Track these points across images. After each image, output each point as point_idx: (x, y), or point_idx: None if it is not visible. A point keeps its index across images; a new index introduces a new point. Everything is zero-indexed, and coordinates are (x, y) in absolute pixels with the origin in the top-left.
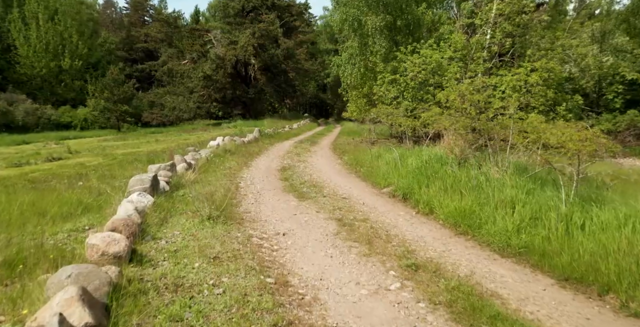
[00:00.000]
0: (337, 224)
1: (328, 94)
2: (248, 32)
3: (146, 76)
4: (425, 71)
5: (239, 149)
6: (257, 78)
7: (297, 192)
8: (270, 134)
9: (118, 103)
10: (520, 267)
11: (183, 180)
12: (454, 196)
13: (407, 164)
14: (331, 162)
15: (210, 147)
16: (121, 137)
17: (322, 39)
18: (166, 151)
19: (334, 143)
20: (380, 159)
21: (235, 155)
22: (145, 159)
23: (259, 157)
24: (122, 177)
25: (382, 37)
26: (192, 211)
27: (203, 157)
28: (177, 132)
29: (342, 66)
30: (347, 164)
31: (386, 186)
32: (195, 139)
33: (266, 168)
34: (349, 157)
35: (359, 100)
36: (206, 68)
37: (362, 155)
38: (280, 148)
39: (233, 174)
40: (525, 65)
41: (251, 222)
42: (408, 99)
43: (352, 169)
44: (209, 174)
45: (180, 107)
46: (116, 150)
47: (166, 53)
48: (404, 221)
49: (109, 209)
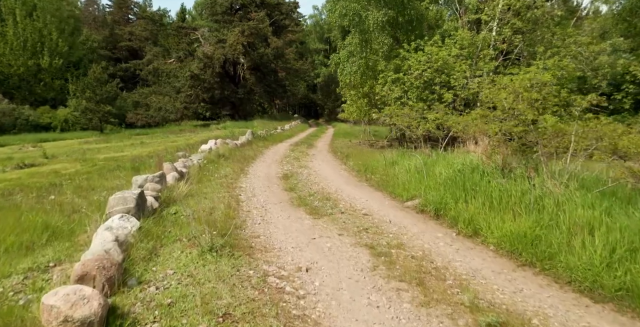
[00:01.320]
0: (370, 252)
1: (318, 95)
2: (237, 31)
3: (130, 76)
4: (430, 69)
5: (233, 154)
6: (246, 78)
7: (309, 207)
8: (263, 136)
9: (101, 103)
10: (628, 318)
11: (175, 193)
12: (505, 215)
13: (435, 173)
14: (335, 168)
15: (202, 152)
16: (104, 139)
17: (311, 38)
18: (153, 156)
19: (331, 146)
20: (395, 166)
21: (230, 160)
22: (130, 166)
23: (255, 162)
24: (102, 189)
25: (384, 34)
26: (188, 237)
27: (195, 164)
28: (163, 133)
29: (341, 64)
30: (354, 171)
31: (409, 198)
32: (183, 141)
33: (266, 175)
34: (355, 162)
35: (359, 101)
36: (193, 67)
37: (370, 161)
38: (275, 151)
39: (230, 184)
40: (536, 64)
41: (263, 251)
42: (413, 99)
43: (361, 177)
44: (204, 184)
45: (166, 108)
46: (97, 154)
47: (151, 52)
48: (447, 246)
49: (82, 235)
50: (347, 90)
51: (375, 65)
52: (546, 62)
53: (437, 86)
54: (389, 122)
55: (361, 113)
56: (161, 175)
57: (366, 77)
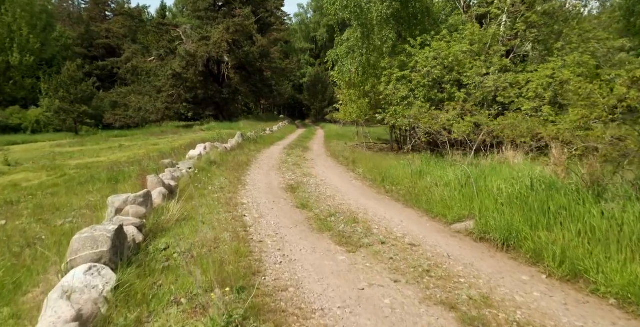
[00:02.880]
0: (455, 318)
1: (305, 95)
2: (222, 27)
3: (108, 74)
4: (440, 66)
5: (225, 159)
6: (230, 77)
7: (335, 233)
8: (254, 139)
9: (75, 103)
10: None
11: (163, 218)
12: (621, 255)
13: (489, 188)
14: (344, 177)
15: (191, 159)
16: (79, 142)
17: (297, 38)
18: (133, 162)
19: (328, 149)
20: (426, 176)
21: (223, 167)
22: (106, 177)
23: (251, 169)
24: (69, 209)
25: (388, 28)
26: (188, 295)
27: (185, 174)
28: (143, 135)
29: (339, 61)
30: (368, 180)
31: (456, 219)
32: (166, 144)
33: (267, 186)
34: (365, 169)
35: (359, 101)
36: (175, 65)
37: (385, 168)
38: (270, 156)
39: (229, 200)
40: (554, 60)
41: (299, 318)
42: (420, 99)
43: (379, 188)
44: (199, 201)
45: (146, 108)
46: (69, 160)
47: (130, 49)
48: (546, 298)
49: (35, 290)
50: (346, 90)
51: (377, 62)
52: (565, 58)
53: (448, 85)
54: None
55: (362, 114)
56: (146, 194)
57: (367, 75)
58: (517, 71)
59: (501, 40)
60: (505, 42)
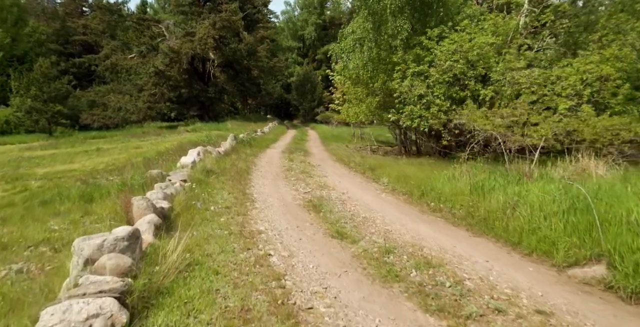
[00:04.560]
0: None
1: (293, 94)
2: (207, 23)
3: (86, 72)
4: (463, 60)
5: (222, 167)
6: (216, 76)
7: (409, 286)
8: (247, 141)
9: (49, 102)
10: None
11: (158, 269)
12: None
13: (622, 217)
14: (367, 188)
15: (184, 167)
16: (52, 144)
17: (284, 36)
18: (113, 170)
19: (330, 152)
20: (490, 193)
21: (222, 177)
22: (77, 193)
23: (253, 178)
24: (21, 246)
25: (402, 17)
26: None
27: (179, 190)
28: (124, 136)
29: (344, 56)
30: (400, 193)
31: (573, 261)
32: (149, 147)
33: (282, 203)
34: (390, 178)
35: (367, 99)
36: (157, 63)
37: (423, 179)
38: (269, 161)
39: (241, 226)
40: (588, 53)
41: None
42: (440, 97)
43: (420, 204)
44: (202, 230)
45: (126, 108)
46: (37, 167)
47: (109, 46)
48: None
49: None
50: (352, 87)
51: (388, 57)
52: (603, 52)
53: (472, 81)
54: (482, 128)
55: (370, 114)
56: (131, 235)
57: (378, 71)
58: (543, 66)
59: (522, 32)
60: (526, 35)
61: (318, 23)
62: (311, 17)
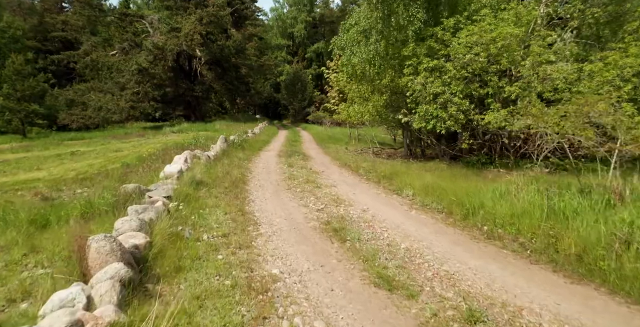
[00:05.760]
0: None
1: (283, 94)
2: (194, 18)
3: (65, 71)
4: (484, 53)
5: (213, 176)
6: (203, 74)
7: None
8: (239, 144)
9: (23, 101)
10: None
11: None
12: None
13: None
14: (392, 204)
15: (169, 178)
16: (24, 147)
17: (272, 33)
18: (84, 180)
19: (331, 155)
20: (578, 217)
21: (215, 190)
22: (27, 218)
23: (251, 189)
24: None
25: (415, 5)
26: None
27: (161, 213)
28: (104, 138)
29: (347, 49)
30: (434, 210)
31: None
32: (131, 150)
33: (292, 226)
34: (415, 190)
35: (373, 98)
36: (141, 60)
37: (464, 194)
38: (266, 166)
39: (249, 270)
40: (625, 45)
41: None
42: (458, 95)
43: (467, 227)
44: (192, 278)
45: (107, 107)
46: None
47: (89, 41)
48: None
49: None
50: (355, 85)
51: (398, 50)
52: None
53: (495, 76)
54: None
55: (377, 114)
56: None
57: (386, 66)
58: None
59: (541, 24)
60: (547, 27)
61: (308, 21)
62: (301, 14)
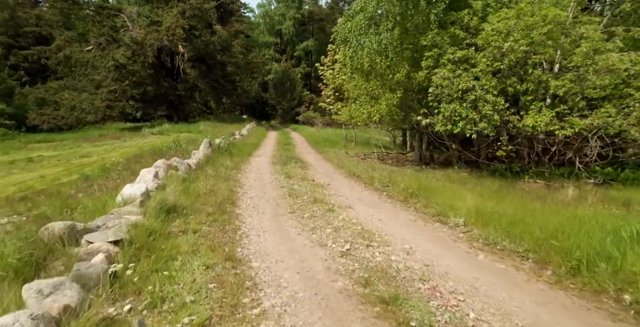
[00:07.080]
0: None
1: (271, 93)
2: (176, 11)
3: (39, 68)
4: (523, 40)
5: (193, 194)
6: (187, 71)
7: None
8: (225, 148)
9: None
10: None
11: None
12: None
13: None
14: (439, 238)
15: (129, 204)
16: None
17: (259, 31)
18: (25, 198)
19: (332, 162)
20: None
21: (192, 219)
22: None
23: (245, 217)
24: None
25: None
26: None
27: (97, 284)
28: (75, 140)
29: (353, 40)
30: (512, 254)
31: None
32: (100, 155)
33: (314, 291)
34: (468, 217)
35: (384, 96)
36: (118, 55)
37: (554, 229)
38: (259, 178)
39: None
40: None
41: None
42: (492, 92)
43: (585, 291)
44: None
45: (82, 107)
46: None
47: (62, 36)
48: None
49: None
50: (361, 81)
51: (413, 40)
52: None
53: (538, 69)
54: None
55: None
56: None
57: (400, 58)
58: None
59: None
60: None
61: (297, 18)
62: (289, 11)
